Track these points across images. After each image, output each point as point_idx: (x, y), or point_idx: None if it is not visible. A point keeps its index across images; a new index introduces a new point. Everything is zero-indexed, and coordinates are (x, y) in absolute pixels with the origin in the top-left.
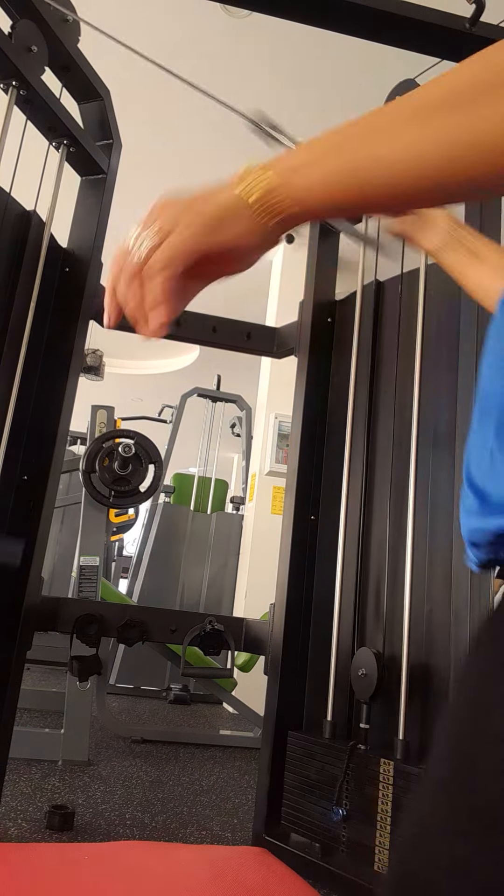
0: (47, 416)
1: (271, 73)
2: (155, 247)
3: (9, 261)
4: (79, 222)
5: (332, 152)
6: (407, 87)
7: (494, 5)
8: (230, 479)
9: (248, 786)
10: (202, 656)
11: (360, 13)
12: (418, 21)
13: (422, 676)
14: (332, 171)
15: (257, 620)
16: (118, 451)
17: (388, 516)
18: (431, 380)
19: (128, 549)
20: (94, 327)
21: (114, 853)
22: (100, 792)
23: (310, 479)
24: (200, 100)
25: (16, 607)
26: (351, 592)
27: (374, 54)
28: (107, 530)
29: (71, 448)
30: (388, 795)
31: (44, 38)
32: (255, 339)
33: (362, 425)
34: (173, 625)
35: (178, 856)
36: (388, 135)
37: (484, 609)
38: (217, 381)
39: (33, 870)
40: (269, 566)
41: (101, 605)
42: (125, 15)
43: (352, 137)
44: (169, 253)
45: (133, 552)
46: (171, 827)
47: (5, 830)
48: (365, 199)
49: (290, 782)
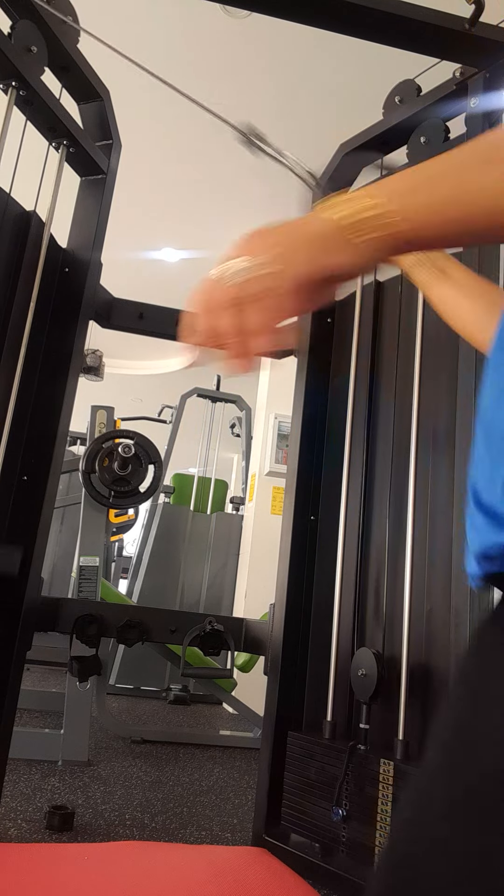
0: (47, 416)
1: (271, 74)
2: (261, 276)
3: (9, 261)
4: (78, 222)
5: (438, 180)
6: (407, 87)
7: (494, 5)
8: (230, 480)
9: (248, 786)
10: (202, 656)
11: (360, 13)
12: (418, 21)
13: (422, 676)
14: (439, 198)
15: (257, 620)
16: (118, 452)
17: (388, 516)
18: (431, 379)
19: (128, 550)
20: (94, 327)
21: (114, 853)
22: (100, 792)
23: (310, 479)
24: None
25: (16, 607)
26: (351, 592)
27: (374, 54)
28: (107, 531)
29: (71, 448)
30: (388, 795)
31: (43, 38)
32: None
33: (362, 425)
34: (173, 625)
35: (178, 856)
36: (495, 165)
37: (484, 609)
38: (217, 382)
39: (33, 870)
40: (269, 566)
41: (100, 606)
42: (124, 16)
43: (456, 167)
44: (283, 279)
45: (133, 552)
46: (171, 827)
47: (5, 831)
48: (469, 226)
49: (290, 782)
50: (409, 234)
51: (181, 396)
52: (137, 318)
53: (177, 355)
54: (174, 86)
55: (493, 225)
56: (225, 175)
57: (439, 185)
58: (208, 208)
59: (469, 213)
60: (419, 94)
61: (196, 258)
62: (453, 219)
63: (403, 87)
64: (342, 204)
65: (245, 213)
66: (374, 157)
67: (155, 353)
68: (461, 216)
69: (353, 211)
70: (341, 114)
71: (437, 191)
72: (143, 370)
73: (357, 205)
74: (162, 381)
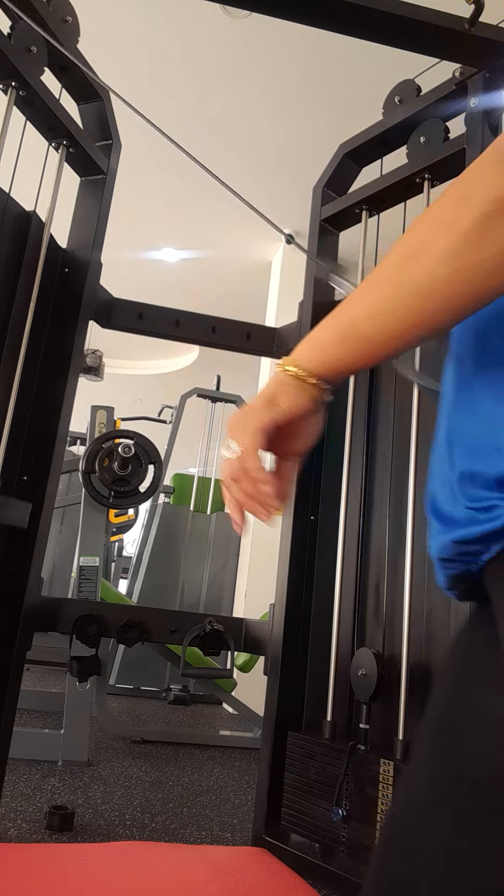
0: (47, 416)
1: (270, 74)
2: (233, 459)
3: (8, 261)
4: (78, 223)
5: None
6: (407, 87)
7: (494, 5)
8: None
9: (248, 786)
10: (202, 657)
11: (360, 13)
12: (418, 21)
13: (422, 676)
14: (335, 351)
15: (257, 621)
16: (118, 452)
17: (388, 516)
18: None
19: (128, 550)
20: (94, 327)
21: (114, 853)
22: (99, 792)
23: (310, 479)
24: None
25: (15, 607)
26: (351, 592)
27: (374, 54)
28: (106, 531)
29: (71, 448)
30: (388, 795)
31: (43, 38)
32: (254, 339)
33: (362, 425)
34: (173, 625)
35: (177, 856)
36: (363, 297)
37: None
38: (217, 382)
39: (33, 870)
40: (269, 566)
41: (100, 606)
42: (124, 17)
43: (369, 291)
44: (248, 438)
45: (133, 552)
46: (170, 827)
47: (5, 831)
48: (373, 354)
49: (290, 782)
50: (342, 373)
51: (181, 396)
52: (137, 318)
53: (177, 356)
54: (190, 154)
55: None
56: (225, 175)
57: (361, 327)
58: (208, 208)
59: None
60: (419, 94)
61: (196, 258)
62: (360, 358)
63: (403, 87)
64: (281, 363)
65: (245, 212)
66: (374, 157)
67: (155, 353)
68: (368, 354)
69: (282, 370)
70: (341, 114)
71: (359, 331)
72: (143, 370)
73: (288, 364)
74: (162, 381)
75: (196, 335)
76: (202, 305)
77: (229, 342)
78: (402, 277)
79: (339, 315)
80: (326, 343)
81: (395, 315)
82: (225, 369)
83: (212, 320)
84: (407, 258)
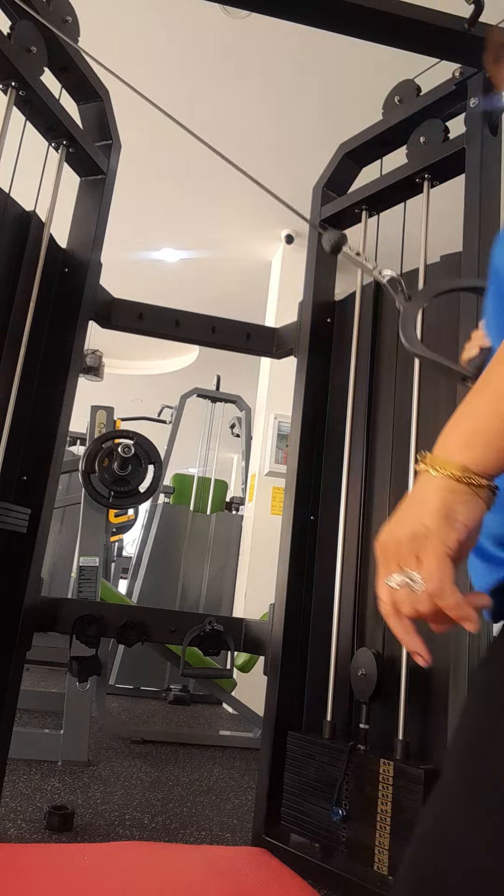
0: (47, 416)
1: (269, 74)
2: (432, 581)
3: (8, 261)
4: (78, 223)
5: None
6: (407, 87)
7: (493, 5)
8: (230, 480)
9: (247, 786)
10: (202, 657)
11: (360, 13)
12: (417, 21)
13: (421, 676)
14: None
15: (257, 621)
16: (118, 452)
17: (387, 517)
18: (431, 379)
19: (127, 550)
20: (94, 327)
21: (114, 853)
22: (99, 792)
23: (309, 479)
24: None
25: (15, 607)
26: (351, 592)
27: (374, 54)
28: (106, 531)
29: (71, 448)
30: (388, 795)
31: (43, 38)
32: (254, 339)
33: (362, 425)
34: (173, 625)
35: (177, 856)
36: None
37: None
38: (217, 382)
39: (33, 870)
40: (269, 566)
41: (100, 606)
42: (124, 17)
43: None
44: (439, 570)
45: (133, 552)
46: (171, 827)
47: (5, 831)
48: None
49: (290, 783)
50: (493, 474)
51: (181, 396)
52: (137, 318)
53: (176, 356)
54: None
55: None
56: (225, 174)
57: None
58: (208, 208)
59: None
60: (419, 94)
61: (196, 258)
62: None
63: (403, 87)
64: (444, 468)
65: (245, 212)
66: (374, 157)
67: (155, 353)
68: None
69: (448, 475)
70: (340, 114)
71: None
72: (143, 370)
73: (453, 469)
74: (162, 381)
75: (196, 335)
76: (202, 306)
77: (229, 342)
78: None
79: (490, 395)
80: (490, 433)
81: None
82: (225, 369)
83: (212, 320)
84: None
